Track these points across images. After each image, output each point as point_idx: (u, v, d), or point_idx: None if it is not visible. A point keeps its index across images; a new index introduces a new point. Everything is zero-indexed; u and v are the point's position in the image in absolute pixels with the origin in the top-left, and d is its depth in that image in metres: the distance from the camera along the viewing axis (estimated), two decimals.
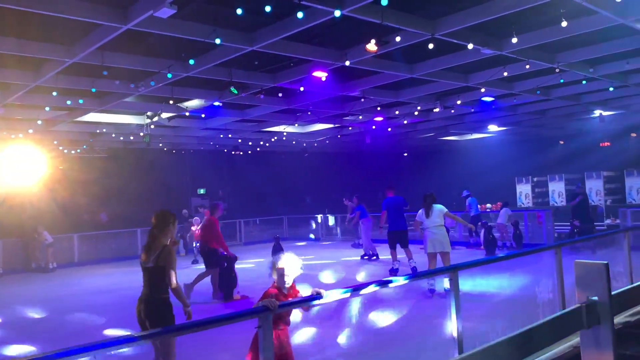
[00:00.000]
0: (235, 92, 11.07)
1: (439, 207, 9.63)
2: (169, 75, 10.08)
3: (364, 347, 6.49)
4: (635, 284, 4.01)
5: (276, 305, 3.40)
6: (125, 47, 9.24)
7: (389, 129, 20.27)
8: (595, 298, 2.91)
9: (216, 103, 13.77)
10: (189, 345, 6.32)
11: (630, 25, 8.52)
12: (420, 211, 9.84)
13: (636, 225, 13.09)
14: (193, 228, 16.95)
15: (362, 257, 14.87)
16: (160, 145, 20.95)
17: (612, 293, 2.96)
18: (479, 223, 15.81)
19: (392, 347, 6.38)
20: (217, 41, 8.08)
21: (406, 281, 5.11)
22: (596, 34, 9.42)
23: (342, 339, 6.84)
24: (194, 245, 16.72)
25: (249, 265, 14.40)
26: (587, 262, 3.00)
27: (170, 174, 22.39)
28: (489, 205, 20.17)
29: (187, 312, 5.09)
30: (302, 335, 6.74)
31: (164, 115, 14.72)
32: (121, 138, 18.14)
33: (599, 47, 10.38)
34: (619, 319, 6.03)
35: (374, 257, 14.63)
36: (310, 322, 6.94)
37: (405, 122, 18.37)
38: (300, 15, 7.09)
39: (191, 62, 9.61)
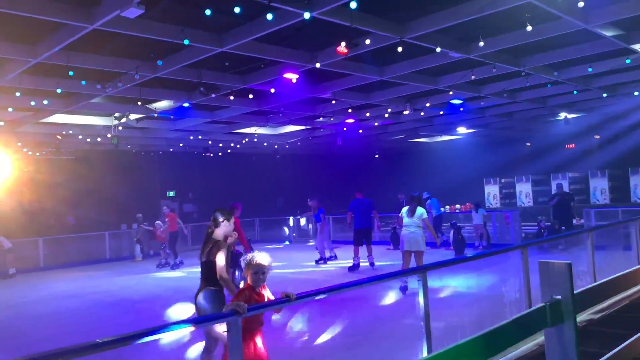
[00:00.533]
0: (205, 92, 10.97)
1: (421, 211, 9.99)
2: (137, 76, 9.93)
3: (334, 349, 6.49)
4: (597, 283, 4.11)
5: (244, 309, 3.37)
6: (92, 47, 9.07)
7: (360, 131, 20.38)
8: (559, 297, 2.97)
9: (185, 104, 13.62)
10: (163, 348, 6.24)
11: (593, 31, 8.76)
12: (404, 209, 10.17)
13: (599, 225, 13.42)
14: (159, 230, 16.53)
15: (317, 261, 14.56)
16: (129, 147, 20.62)
17: (575, 292, 3.03)
18: (449, 223, 16.01)
19: (363, 348, 6.40)
20: (185, 42, 8.00)
21: (378, 282, 5.14)
22: (560, 39, 9.67)
23: (313, 340, 6.83)
24: (161, 248, 16.35)
25: None
26: (551, 261, 3.06)
27: (139, 176, 22.04)
28: (458, 206, 20.44)
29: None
30: (271, 338, 6.70)
31: (132, 116, 14.49)
32: (88, 140, 17.79)
33: (563, 52, 10.65)
34: (583, 316, 6.18)
35: (322, 261, 14.49)
36: (279, 323, 6.90)
37: (376, 124, 18.50)
38: (269, 17, 7.07)
39: (159, 62, 9.48)
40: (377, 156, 29.93)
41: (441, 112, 17.19)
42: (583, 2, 7.14)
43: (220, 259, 5.12)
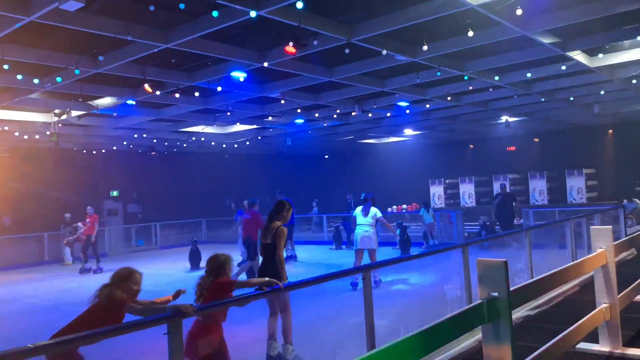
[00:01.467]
0: (151, 90, 10.72)
1: (374, 211, 10.38)
2: (77, 72, 9.57)
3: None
4: (532, 280, 4.28)
5: (191, 310, 3.29)
6: (30, 40, 8.68)
7: (310, 131, 20.42)
8: (496, 294, 3.08)
9: (129, 101, 13.23)
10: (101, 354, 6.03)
11: (532, 38, 9.11)
12: (358, 209, 10.56)
13: (536, 225, 13.97)
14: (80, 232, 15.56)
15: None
16: (70, 144, 19.86)
17: (511, 289, 3.15)
18: (395, 223, 16.28)
19: (307, 348, 6.41)
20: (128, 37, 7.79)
21: (327, 279, 5.14)
22: (501, 45, 10.01)
23: (258, 340, 6.77)
24: (88, 250, 15.42)
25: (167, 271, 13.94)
26: (488, 260, 3.16)
27: (81, 175, 21.20)
28: (404, 206, 20.82)
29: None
30: None
31: (74, 113, 13.96)
32: (25, 137, 17.00)
33: (504, 57, 11.02)
34: (521, 312, 6.42)
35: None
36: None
37: (325, 124, 18.58)
38: (215, 13, 6.99)
39: (100, 58, 9.18)
40: (327, 157, 30.09)
41: (388, 114, 17.46)
42: (522, 10, 7.42)
43: (282, 244, 6.03)
